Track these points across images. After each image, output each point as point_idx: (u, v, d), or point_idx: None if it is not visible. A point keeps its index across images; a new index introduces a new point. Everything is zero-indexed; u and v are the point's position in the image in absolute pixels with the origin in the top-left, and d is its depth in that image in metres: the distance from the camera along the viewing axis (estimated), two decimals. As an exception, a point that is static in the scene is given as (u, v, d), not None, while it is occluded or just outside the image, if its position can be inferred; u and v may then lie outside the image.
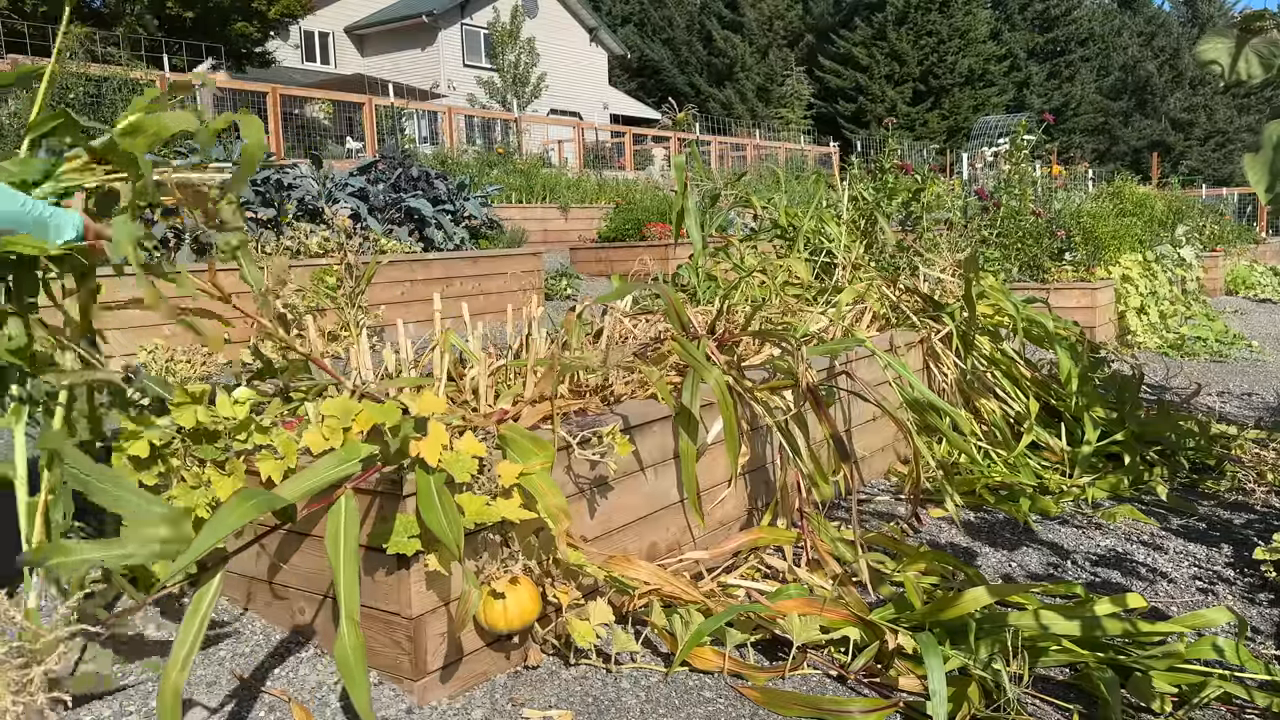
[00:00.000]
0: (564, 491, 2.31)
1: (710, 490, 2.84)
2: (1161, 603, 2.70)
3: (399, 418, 2.06)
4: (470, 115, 20.38)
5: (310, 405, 2.23)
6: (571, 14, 32.39)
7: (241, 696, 2.02)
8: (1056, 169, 11.90)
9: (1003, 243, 7.83)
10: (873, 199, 5.21)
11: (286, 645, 2.21)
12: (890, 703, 2.07)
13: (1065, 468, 3.91)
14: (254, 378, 2.56)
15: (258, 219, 6.23)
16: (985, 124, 22.29)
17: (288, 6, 19.72)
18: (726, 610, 2.27)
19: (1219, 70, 1.59)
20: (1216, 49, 1.59)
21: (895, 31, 37.64)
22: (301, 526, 2.16)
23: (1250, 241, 15.30)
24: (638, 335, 3.10)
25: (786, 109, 36.48)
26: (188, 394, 2.19)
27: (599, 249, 10.03)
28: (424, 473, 1.94)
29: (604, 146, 22.18)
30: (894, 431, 3.91)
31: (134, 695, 2.01)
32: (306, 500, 1.98)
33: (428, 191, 7.57)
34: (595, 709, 2.06)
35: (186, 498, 2.19)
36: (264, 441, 2.17)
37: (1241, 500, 3.68)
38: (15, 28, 16.61)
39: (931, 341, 4.12)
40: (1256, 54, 1.57)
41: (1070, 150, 29.43)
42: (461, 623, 1.98)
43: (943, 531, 3.29)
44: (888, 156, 6.07)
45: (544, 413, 2.37)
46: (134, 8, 18.06)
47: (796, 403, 2.93)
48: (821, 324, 3.61)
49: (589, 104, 31.83)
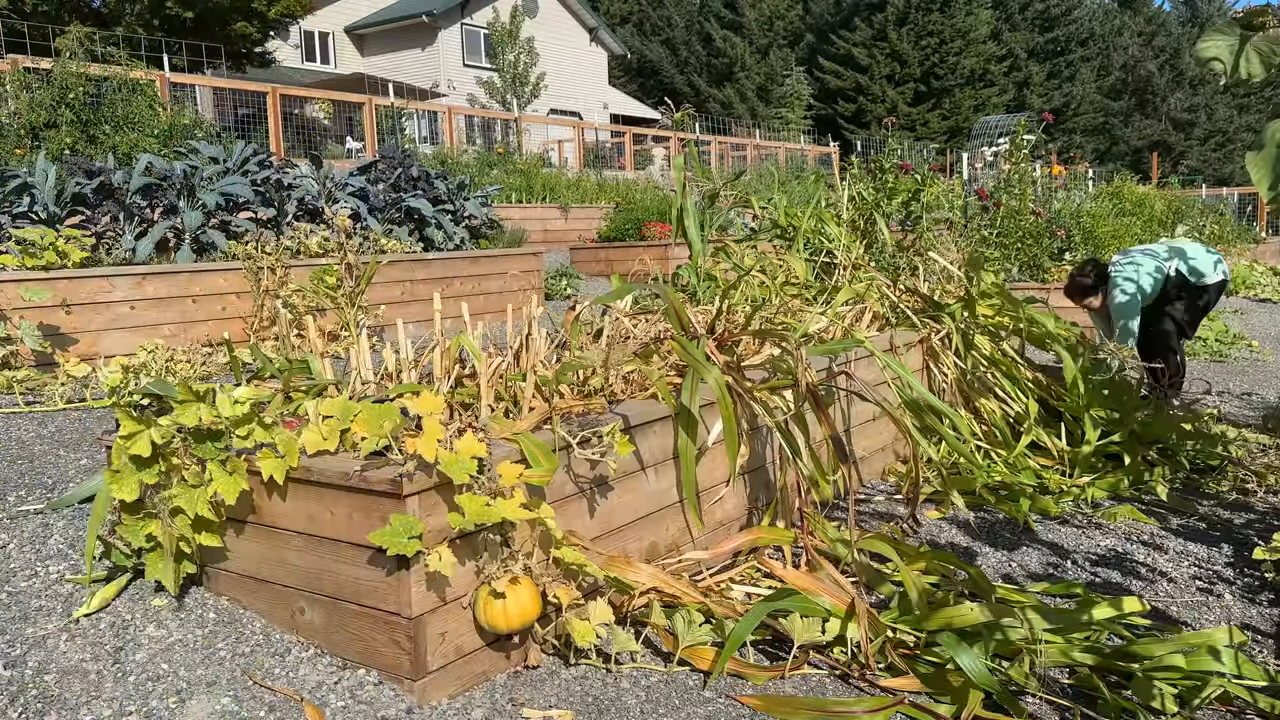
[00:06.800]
0: (564, 491, 2.32)
1: (710, 490, 2.83)
2: (1161, 602, 2.70)
3: (399, 419, 2.06)
4: (470, 115, 20.37)
5: (310, 404, 2.22)
6: (571, 14, 32.37)
7: (242, 696, 2.02)
8: (1056, 169, 11.90)
9: (1003, 243, 7.83)
10: (872, 199, 5.21)
11: (287, 645, 2.20)
12: (894, 701, 2.07)
13: (1065, 468, 3.91)
14: (254, 378, 2.55)
15: (258, 219, 6.23)
16: (985, 124, 22.28)
17: (288, 6, 19.70)
18: (750, 615, 2.27)
19: (1220, 68, 1.58)
20: (1217, 46, 1.59)
21: (896, 32, 37.64)
22: (302, 526, 2.16)
23: (1250, 241, 15.31)
24: (638, 335, 3.10)
25: (786, 109, 36.45)
26: (191, 392, 2.19)
27: (599, 249, 10.04)
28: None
29: (604, 146, 22.16)
30: (893, 432, 3.90)
31: (132, 694, 2.01)
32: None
33: (428, 191, 7.56)
34: (595, 709, 2.06)
35: (186, 496, 2.19)
36: (266, 439, 2.17)
37: (1242, 500, 3.68)
38: (15, 28, 16.61)
39: (931, 341, 4.12)
40: (1257, 51, 1.56)
41: (1070, 150, 29.41)
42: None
43: (942, 531, 3.29)
44: (888, 156, 6.07)
45: (544, 414, 2.37)
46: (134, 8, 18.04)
47: (796, 403, 2.93)
48: (821, 324, 3.60)
49: (589, 104, 31.82)
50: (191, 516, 2.20)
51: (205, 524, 2.24)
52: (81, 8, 19.00)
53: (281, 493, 2.17)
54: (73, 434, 3.60)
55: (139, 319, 4.90)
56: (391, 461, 2.04)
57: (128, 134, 8.72)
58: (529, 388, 2.45)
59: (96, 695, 1.99)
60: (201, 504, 2.19)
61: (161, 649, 2.16)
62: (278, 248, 5.32)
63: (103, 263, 5.07)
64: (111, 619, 2.26)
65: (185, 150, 6.84)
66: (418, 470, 1.96)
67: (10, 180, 5.34)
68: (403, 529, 1.91)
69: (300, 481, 2.13)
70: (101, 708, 1.95)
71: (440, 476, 1.98)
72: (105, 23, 18.14)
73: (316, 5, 24.23)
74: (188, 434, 2.20)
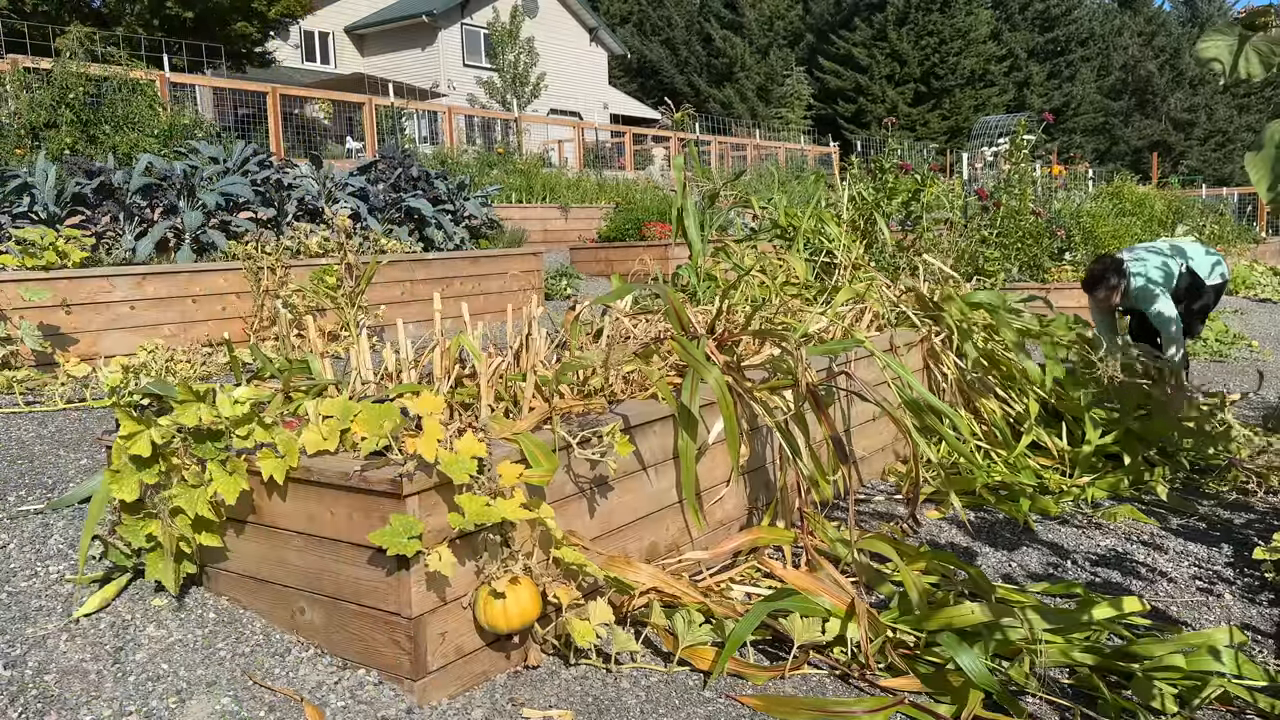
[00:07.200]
0: (564, 491, 2.32)
1: (710, 490, 2.83)
2: (1161, 602, 2.70)
3: (399, 419, 2.06)
4: (470, 115, 20.36)
5: (310, 404, 2.22)
6: (571, 14, 32.37)
7: (242, 696, 2.02)
8: (1057, 169, 11.91)
9: (1003, 243, 7.83)
10: (872, 199, 5.21)
11: (287, 645, 2.20)
12: (894, 701, 2.07)
13: (1065, 468, 3.91)
14: (254, 377, 2.55)
15: (258, 219, 6.23)
16: (986, 124, 22.29)
17: (288, 6, 19.69)
18: (750, 616, 2.27)
19: (1220, 68, 1.58)
20: (1217, 46, 1.59)
21: (896, 32, 37.63)
22: (302, 526, 2.16)
23: (1250, 241, 15.30)
24: (638, 335, 3.10)
25: (786, 109, 36.44)
26: (191, 392, 2.19)
27: (599, 249, 10.04)
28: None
29: (604, 146, 22.15)
30: (893, 432, 3.90)
31: (132, 694, 2.01)
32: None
33: (428, 191, 7.56)
34: (595, 709, 2.06)
35: (187, 496, 2.19)
36: (266, 439, 2.17)
37: (1242, 500, 3.68)
38: (15, 28, 16.61)
39: (932, 341, 4.12)
40: (1257, 52, 1.56)
41: (1070, 150, 29.41)
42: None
43: (943, 531, 3.29)
44: (888, 156, 6.07)
45: (544, 414, 2.37)
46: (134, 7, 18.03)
47: (796, 403, 2.93)
48: (821, 324, 3.60)
49: (589, 104, 31.81)
50: (191, 516, 2.20)
51: (205, 524, 2.24)
52: (81, 8, 19.00)
53: (281, 493, 2.17)
54: (73, 434, 3.60)
55: (139, 319, 4.90)
56: (391, 461, 2.04)
57: (128, 134, 8.72)
58: (529, 388, 2.45)
59: (96, 695, 1.99)
60: (201, 504, 2.19)
61: (161, 649, 2.16)
62: (278, 248, 5.32)
63: (103, 263, 5.07)
64: (111, 619, 2.26)
65: (185, 150, 6.84)
66: (418, 470, 1.96)
67: (10, 180, 5.34)
68: (403, 529, 1.91)
69: (300, 481, 2.13)
70: (101, 708, 1.95)
71: (440, 476, 1.98)
72: (105, 23, 18.13)
73: (316, 5, 24.22)
74: (188, 434, 2.20)
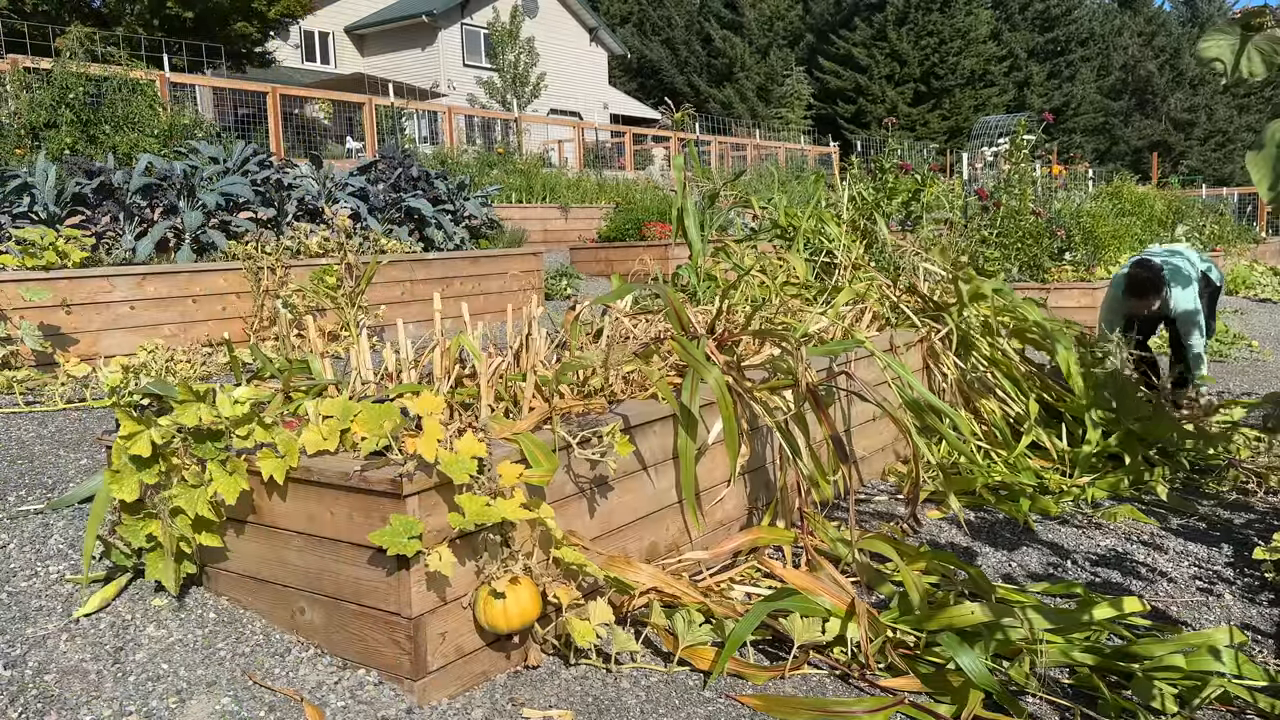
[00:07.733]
0: (564, 491, 2.31)
1: (710, 490, 2.83)
2: (1161, 602, 2.70)
3: (399, 419, 2.06)
4: (470, 115, 20.36)
5: (310, 404, 2.22)
6: (571, 14, 32.37)
7: (242, 696, 2.02)
8: (1057, 169, 11.91)
9: (1003, 243, 7.82)
10: (872, 199, 5.21)
11: (287, 645, 2.20)
12: (894, 701, 2.07)
13: (1065, 468, 3.91)
14: (254, 377, 2.55)
15: (258, 219, 6.22)
16: (985, 124, 22.29)
17: (288, 6, 19.69)
18: (750, 615, 2.27)
19: (1221, 68, 1.58)
20: (1219, 46, 1.59)
21: (896, 32, 37.63)
22: (302, 526, 2.15)
23: (1250, 241, 15.31)
24: (638, 335, 3.10)
25: (786, 109, 36.45)
26: (191, 392, 2.19)
27: (599, 249, 10.04)
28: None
29: (604, 146, 22.15)
30: (893, 432, 3.90)
31: (132, 694, 2.01)
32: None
33: (428, 191, 7.56)
34: (595, 709, 2.06)
35: (187, 496, 2.19)
36: (266, 439, 2.17)
37: (1242, 500, 3.68)
38: (15, 28, 16.61)
39: (932, 341, 4.12)
40: (1259, 51, 1.56)
41: (1070, 150, 29.39)
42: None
43: (943, 531, 3.29)
44: (887, 156, 6.07)
45: (544, 414, 2.37)
46: (134, 7, 18.03)
47: (796, 403, 2.93)
48: (821, 324, 3.60)
49: (589, 104, 31.82)
50: (191, 516, 2.20)
51: (205, 524, 2.24)
52: (81, 8, 19.00)
53: (281, 493, 2.17)
54: (73, 434, 3.60)
55: (139, 319, 4.90)
56: (391, 461, 2.04)
57: (128, 134, 8.72)
58: (529, 388, 2.45)
59: (96, 695, 1.99)
60: (201, 504, 2.19)
61: (161, 649, 2.16)
62: (278, 248, 5.32)
63: (103, 263, 5.07)
64: (111, 619, 2.26)
65: (185, 150, 6.84)
66: (418, 470, 1.96)
67: (10, 180, 5.33)
68: (403, 529, 1.91)
69: (300, 481, 2.13)
70: (101, 708, 1.95)
71: (440, 476, 1.98)
72: (105, 23, 18.13)
73: (316, 5, 24.20)
74: (188, 434, 2.20)
